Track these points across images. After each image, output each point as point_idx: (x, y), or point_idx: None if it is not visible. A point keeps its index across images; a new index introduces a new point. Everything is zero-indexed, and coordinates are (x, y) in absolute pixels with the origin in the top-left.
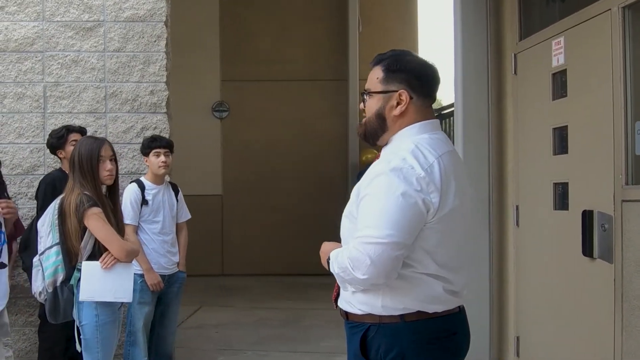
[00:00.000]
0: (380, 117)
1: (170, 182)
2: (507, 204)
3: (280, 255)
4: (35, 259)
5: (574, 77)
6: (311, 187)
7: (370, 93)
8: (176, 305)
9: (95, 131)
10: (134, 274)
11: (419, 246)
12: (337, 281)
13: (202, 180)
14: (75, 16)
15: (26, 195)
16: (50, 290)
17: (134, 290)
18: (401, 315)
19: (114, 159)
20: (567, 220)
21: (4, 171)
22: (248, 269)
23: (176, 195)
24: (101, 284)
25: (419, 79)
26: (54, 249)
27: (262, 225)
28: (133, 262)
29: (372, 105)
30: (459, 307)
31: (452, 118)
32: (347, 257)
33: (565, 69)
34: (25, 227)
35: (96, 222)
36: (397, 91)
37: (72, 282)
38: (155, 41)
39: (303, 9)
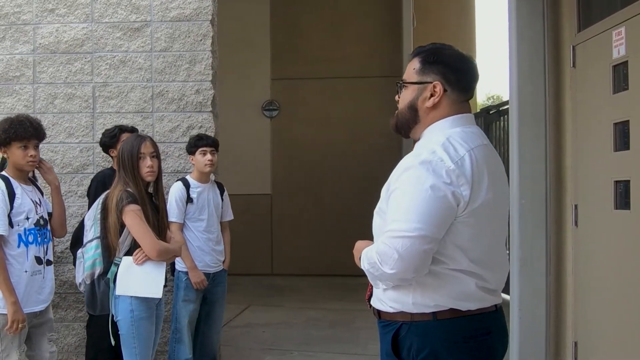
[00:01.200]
0: (413, 109)
1: (216, 181)
2: (566, 203)
3: (330, 255)
4: (79, 252)
5: (635, 69)
6: (362, 187)
7: (405, 84)
8: (221, 304)
9: (143, 130)
10: (180, 271)
11: (450, 241)
12: (369, 278)
13: (251, 179)
14: (123, 17)
15: (76, 193)
16: (88, 282)
17: (179, 287)
18: (433, 313)
19: (155, 156)
20: (628, 220)
21: (55, 170)
22: (297, 269)
23: (221, 194)
24: (134, 279)
25: (455, 73)
26: (94, 242)
27: (312, 225)
28: (179, 259)
29: (406, 96)
30: (495, 305)
31: (507, 115)
32: (376, 252)
33: (627, 61)
34: (75, 225)
35: (132, 219)
36: (431, 82)
37: (109, 276)
38: (201, 40)
39: (355, 5)
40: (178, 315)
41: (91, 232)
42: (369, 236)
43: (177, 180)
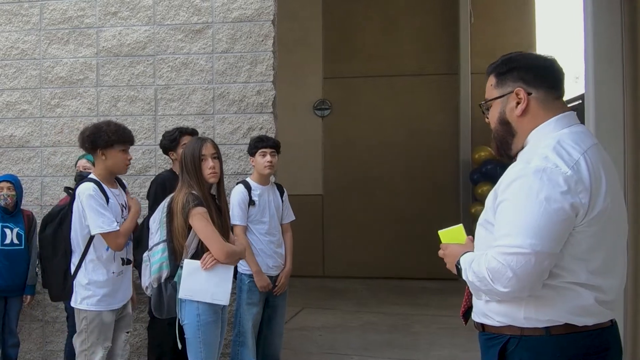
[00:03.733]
0: (504, 122)
1: (275, 183)
2: None
3: (383, 257)
4: (145, 255)
5: None
6: (418, 187)
7: (488, 102)
8: (283, 307)
9: (204, 132)
10: (243, 274)
11: (567, 253)
12: (470, 289)
13: (302, 179)
14: (184, 19)
15: (138, 195)
16: (155, 285)
17: (242, 290)
18: (546, 328)
19: (216, 157)
20: None
21: None
22: (349, 271)
23: (281, 195)
24: (200, 283)
25: (533, 73)
26: (161, 245)
27: (364, 226)
28: (241, 262)
29: (493, 114)
30: (611, 320)
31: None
32: (486, 268)
33: None
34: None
35: (199, 222)
36: (512, 91)
37: (176, 279)
38: (262, 40)
39: (410, 2)
40: (241, 318)
41: (157, 235)
42: (427, 239)
43: (238, 183)
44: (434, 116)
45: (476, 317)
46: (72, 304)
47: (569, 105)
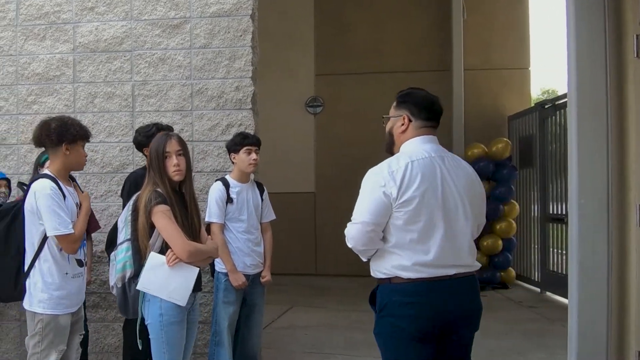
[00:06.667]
0: (390, 134)
1: (255, 181)
2: (629, 203)
3: None
4: (112, 254)
5: None
6: None
7: (388, 117)
8: (261, 306)
9: (182, 129)
10: (220, 272)
11: (392, 224)
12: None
13: (294, 177)
14: (162, 14)
15: (116, 193)
16: (119, 285)
17: (219, 289)
18: (388, 278)
19: (181, 154)
20: None
21: (95, 169)
22: (342, 269)
23: (261, 194)
24: (161, 279)
25: (418, 107)
26: (125, 244)
27: None
28: (218, 260)
29: (388, 125)
30: (439, 277)
31: (564, 109)
32: (345, 232)
33: None
34: (112, 224)
35: (161, 220)
36: (402, 115)
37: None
38: (241, 35)
39: None
40: (218, 317)
41: (122, 234)
42: None
43: (217, 180)
44: None
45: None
46: (26, 306)
47: (559, 103)
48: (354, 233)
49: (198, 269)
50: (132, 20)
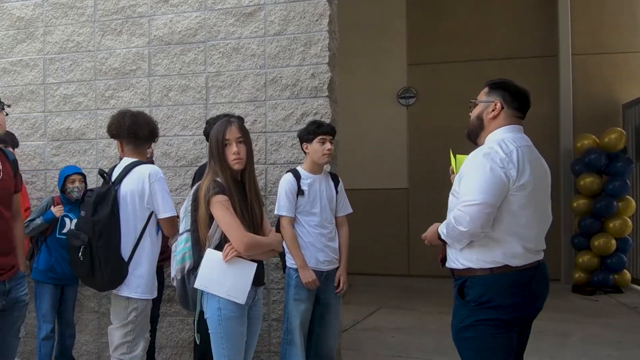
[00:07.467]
0: (480, 118)
1: (330, 172)
2: None
3: None
4: (173, 245)
5: None
6: None
7: (477, 102)
8: (336, 305)
9: (255, 120)
10: (291, 268)
11: (504, 209)
12: (446, 240)
13: (386, 172)
14: (235, 2)
15: (191, 187)
16: (179, 277)
17: (290, 285)
18: (490, 269)
19: (242, 141)
20: None
21: (169, 163)
22: (436, 270)
23: (336, 186)
24: (217, 276)
25: (511, 96)
26: (184, 235)
27: None
28: (288, 256)
29: (476, 110)
30: (538, 261)
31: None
32: (452, 217)
33: None
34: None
35: (219, 210)
36: (493, 101)
37: None
38: (317, 20)
39: None
40: (289, 315)
41: (182, 224)
42: None
43: (287, 171)
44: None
45: (448, 263)
46: (124, 293)
47: None
48: (474, 213)
49: (256, 264)
50: (206, 10)
